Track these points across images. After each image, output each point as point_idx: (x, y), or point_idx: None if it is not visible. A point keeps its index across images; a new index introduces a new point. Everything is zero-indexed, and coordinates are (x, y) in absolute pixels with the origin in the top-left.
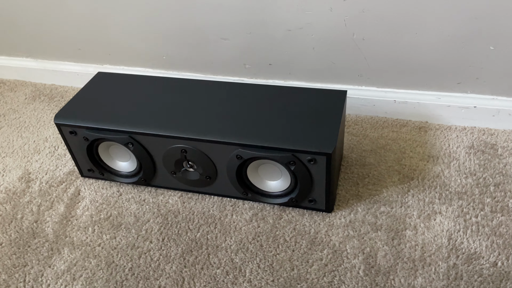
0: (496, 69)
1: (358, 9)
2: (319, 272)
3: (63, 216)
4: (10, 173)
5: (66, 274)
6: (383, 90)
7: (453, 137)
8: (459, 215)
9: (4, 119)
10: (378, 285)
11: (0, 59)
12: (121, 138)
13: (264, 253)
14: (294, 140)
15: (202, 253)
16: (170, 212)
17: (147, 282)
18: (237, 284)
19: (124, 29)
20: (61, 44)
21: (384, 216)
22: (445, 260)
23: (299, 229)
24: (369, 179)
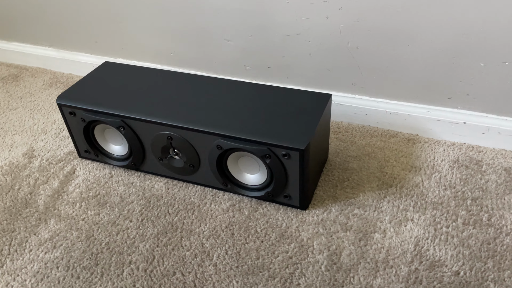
0: (487, 86)
1: (353, 18)
2: (283, 263)
3: (55, 191)
4: (16, 149)
5: (48, 242)
6: (375, 100)
7: (440, 150)
8: (431, 224)
9: (20, 101)
10: (337, 280)
11: (25, 47)
12: (113, 121)
13: (234, 241)
14: (271, 134)
15: (176, 235)
16: (153, 196)
17: (120, 256)
18: (203, 266)
19: (137, 26)
20: (80, 36)
21: (356, 218)
22: (407, 264)
23: (272, 222)
24: (348, 183)
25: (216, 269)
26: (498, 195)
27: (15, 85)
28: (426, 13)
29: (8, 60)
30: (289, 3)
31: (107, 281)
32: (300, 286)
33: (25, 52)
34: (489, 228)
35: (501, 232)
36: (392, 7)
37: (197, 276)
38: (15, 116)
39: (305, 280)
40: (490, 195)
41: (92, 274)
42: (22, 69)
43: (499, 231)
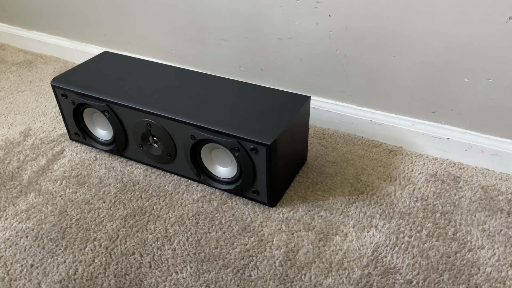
0: (470, 102)
1: (342, 26)
2: (239, 254)
3: (41, 168)
4: (15, 127)
5: (23, 213)
6: (361, 109)
7: (420, 164)
8: (394, 232)
9: (29, 85)
10: (288, 276)
11: (43, 36)
12: (99, 105)
13: (197, 230)
14: (241, 128)
15: (143, 219)
16: (130, 181)
17: (86, 233)
18: (162, 250)
19: (143, 23)
20: (91, 29)
21: (321, 219)
22: (361, 268)
23: (237, 215)
24: (320, 186)
25: (174, 254)
26: (470, 211)
27: (28, 70)
28: (413, 24)
29: (26, 47)
30: (282, 7)
31: (69, 254)
32: (251, 277)
33: (42, 40)
34: (452, 242)
35: (464, 247)
36: (380, 16)
37: (154, 258)
38: (21, 98)
39: (257, 272)
40: (461, 211)
41: (57, 246)
42: (37, 56)
43: (462, 246)
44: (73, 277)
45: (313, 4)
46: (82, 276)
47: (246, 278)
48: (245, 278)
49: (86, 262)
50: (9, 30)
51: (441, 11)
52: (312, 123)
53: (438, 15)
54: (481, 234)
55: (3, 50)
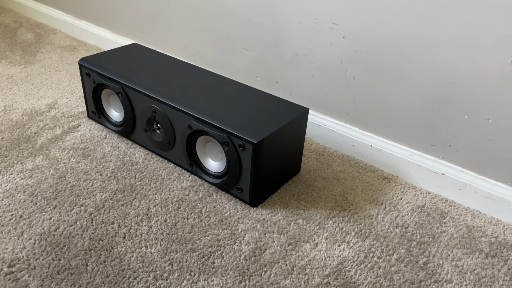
0: (469, 140)
1: (354, 49)
2: (209, 242)
3: (55, 137)
4: (44, 100)
5: (27, 171)
6: (363, 133)
7: (411, 194)
8: (364, 250)
9: (68, 67)
10: (249, 270)
11: (90, 26)
12: (115, 87)
13: (176, 214)
14: (233, 125)
15: (130, 196)
16: (130, 162)
17: (76, 198)
18: (139, 225)
19: (177, 25)
20: (132, 25)
21: (296, 226)
22: (322, 276)
23: (218, 208)
24: (305, 197)
25: (149, 230)
26: (447, 246)
27: (70, 54)
28: (420, 55)
29: (74, 34)
30: (301, 24)
31: (55, 213)
32: (214, 264)
33: (89, 30)
34: (420, 271)
35: (431, 277)
36: (389, 44)
37: (130, 231)
38: (57, 76)
39: (220, 261)
40: (438, 244)
41: (48, 204)
42: (82, 44)
43: (430, 276)
44: (53, 232)
45: (329, 25)
46: (61, 234)
47: (209, 264)
48: (208, 264)
49: (68, 222)
50: (62, 17)
51: (448, 46)
52: (314, 139)
53: (445, 49)
54: (452, 269)
55: (54, 34)
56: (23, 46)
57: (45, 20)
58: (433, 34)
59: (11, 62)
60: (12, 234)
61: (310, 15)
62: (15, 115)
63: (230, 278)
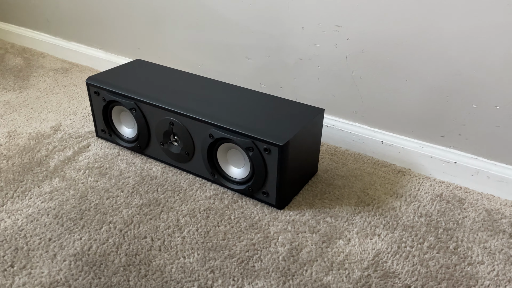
0: (478, 128)
1: (359, 49)
2: (245, 247)
3: (67, 158)
4: (47, 123)
5: (47, 194)
6: (373, 130)
7: (427, 185)
8: (396, 241)
9: (64, 89)
10: (290, 270)
11: (80, 47)
12: (128, 103)
13: (207, 223)
14: (256, 130)
15: (157, 209)
16: (148, 176)
17: (103, 216)
18: (172, 237)
19: (174, 39)
20: (126, 42)
21: (326, 224)
22: (361, 269)
23: (246, 214)
24: (328, 195)
25: (183, 241)
26: (472, 230)
27: (64, 76)
28: (424, 50)
29: (64, 56)
30: (304, 30)
31: (85, 232)
32: (254, 268)
33: (79, 51)
34: (453, 256)
35: (464, 261)
36: (394, 42)
37: (164, 243)
38: (55, 99)
39: (260, 264)
40: (463, 229)
41: (75, 225)
42: (73, 65)
43: (462, 260)
44: (87, 252)
45: (333, 28)
46: (96, 253)
47: (249, 268)
48: (249, 268)
49: (100, 240)
50: (50, 40)
51: (451, 39)
52: (324, 140)
53: (449, 42)
54: (481, 251)
55: (43, 57)
56: (13, 72)
57: (32, 45)
58: (436, 29)
59: (4, 88)
60: (45, 257)
61: (313, 20)
62: (21, 140)
63: (274, 279)
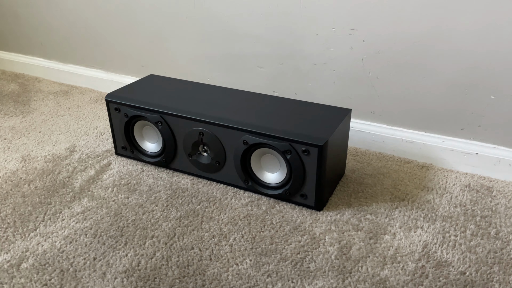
0: (497, 118)
1: (375, 50)
2: (295, 249)
3: (91, 177)
4: (60, 145)
5: (79, 215)
6: (392, 128)
7: (452, 177)
8: (439, 232)
9: (68, 111)
10: (346, 268)
11: (79, 68)
12: (153, 117)
13: (250, 229)
14: (293, 133)
15: (197, 220)
16: (179, 189)
17: (144, 231)
18: (219, 245)
19: (179, 53)
20: (128, 60)
21: (368, 221)
22: (415, 261)
23: (287, 217)
24: (362, 194)
25: (231, 249)
26: (507, 216)
27: (65, 98)
28: (440, 46)
29: (61, 79)
30: (318, 35)
31: (129, 249)
32: (310, 269)
33: (78, 73)
34: (496, 241)
35: (508, 244)
36: (409, 41)
37: (213, 252)
38: (61, 121)
39: (315, 265)
40: (499, 215)
41: (117, 242)
42: (73, 88)
43: (506, 244)
44: (137, 268)
45: (348, 31)
46: (146, 267)
47: (305, 269)
48: (304, 269)
49: (147, 255)
50: (44, 63)
51: (466, 34)
52: None
53: (464, 37)
54: None
55: (38, 82)
56: (12, 97)
57: (24, 70)
58: (451, 25)
59: (6, 113)
60: (94, 276)
61: (327, 24)
62: (38, 164)
63: (332, 278)
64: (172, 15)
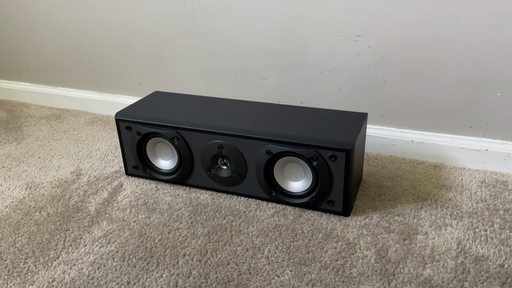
0: (505, 114)
1: (381, 55)
2: (333, 257)
3: (105, 200)
4: (64, 169)
5: (102, 239)
6: (401, 131)
7: (466, 174)
8: (469, 228)
9: (64, 134)
10: (388, 270)
11: (70, 91)
12: (168, 133)
13: (282, 239)
14: (318, 138)
15: (226, 234)
16: (200, 205)
17: (174, 250)
18: (255, 258)
19: (178, 69)
20: (124, 80)
21: (397, 223)
22: (453, 258)
23: (317, 225)
24: (385, 197)
25: (268, 261)
26: None
27: (58, 122)
28: (445, 48)
29: (51, 104)
30: (323, 44)
31: (163, 269)
32: (352, 274)
33: (69, 96)
34: None
35: None
36: (415, 44)
37: (251, 266)
38: (60, 145)
39: (356, 270)
40: None
41: (148, 264)
42: (64, 111)
43: None
44: None
45: (354, 38)
46: (185, 287)
47: (347, 275)
48: (347, 275)
49: (184, 274)
50: (31, 88)
51: (470, 33)
52: None
53: (469, 38)
54: None
55: (26, 107)
56: (1, 124)
57: (9, 96)
58: (457, 26)
59: None
60: None
61: (332, 32)
62: (45, 190)
63: (377, 281)
64: (170, 31)
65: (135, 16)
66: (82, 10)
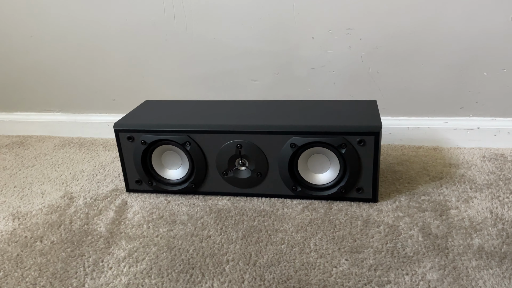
0: (492, 92)
1: (373, 46)
2: (381, 241)
3: (114, 219)
4: (50, 195)
5: (128, 258)
6: (397, 119)
7: (466, 152)
8: (493, 198)
9: (36, 160)
10: (440, 245)
11: (29, 115)
12: (179, 138)
13: (323, 232)
14: (344, 125)
15: (263, 235)
16: (222, 210)
17: (215, 257)
18: (304, 253)
19: (162, 79)
20: (95, 96)
21: (426, 202)
22: (493, 226)
23: (351, 214)
24: (403, 180)
25: (318, 254)
26: None
27: (23, 149)
28: (433, 34)
29: (7, 132)
30: (314, 39)
31: (211, 279)
32: (408, 254)
33: (29, 120)
34: None
35: None
36: (404, 33)
37: (304, 261)
38: (35, 172)
39: (410, 249)
40: None
41: (192, 276)
42: (26, 137)
43: None
44: None
45: (345, 32)
46: None
47: (405, 256)
48: (405, 256)
49: (236, 280)
50: None
51: (455, 19)
52: None
53: (454, 23)
54: None
55: None
56: None
57: None
58: (442, 12)
59: None
60: None
61: (323, 28)
62: (38, 218)
63: (435, 257)
64: (148, 39)
65: (105, 27)
66: (42, 25)
